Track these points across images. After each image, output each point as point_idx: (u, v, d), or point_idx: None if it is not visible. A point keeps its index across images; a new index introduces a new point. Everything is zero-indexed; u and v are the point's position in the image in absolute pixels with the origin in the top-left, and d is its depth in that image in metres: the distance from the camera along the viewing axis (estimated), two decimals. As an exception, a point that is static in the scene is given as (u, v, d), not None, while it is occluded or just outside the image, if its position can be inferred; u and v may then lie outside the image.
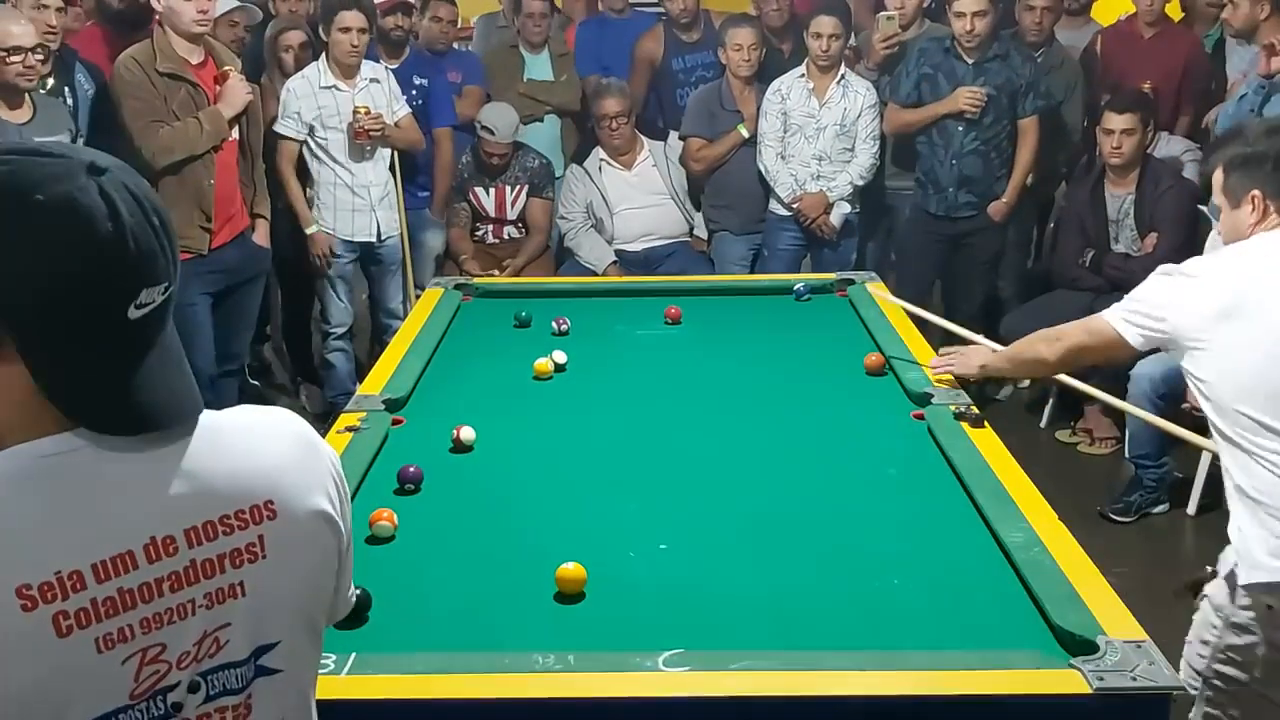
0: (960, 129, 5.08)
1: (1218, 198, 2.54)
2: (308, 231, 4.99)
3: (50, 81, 4.18)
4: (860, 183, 5.28)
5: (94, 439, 1.11)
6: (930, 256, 5.33)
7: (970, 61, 5.04)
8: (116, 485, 1.11)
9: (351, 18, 4.81)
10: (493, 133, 5.30)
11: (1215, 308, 2.30)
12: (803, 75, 5.24)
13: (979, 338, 3.36)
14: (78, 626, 1.07)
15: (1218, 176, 2.52)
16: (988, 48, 5.02)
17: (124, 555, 1.10)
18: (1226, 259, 2.43)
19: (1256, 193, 2.41)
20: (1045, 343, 2.81)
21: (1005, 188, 5.14)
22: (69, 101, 4.27)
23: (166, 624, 1.13)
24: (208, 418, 1.20)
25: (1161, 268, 2.49)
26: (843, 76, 5.22)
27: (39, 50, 3.82)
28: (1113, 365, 3.90)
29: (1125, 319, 2.49)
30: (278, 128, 4.92)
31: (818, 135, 5.21)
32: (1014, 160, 5.14)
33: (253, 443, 1.22)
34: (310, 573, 1.25)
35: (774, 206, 5.35)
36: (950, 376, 3.12)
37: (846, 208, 5.26)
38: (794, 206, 5.24)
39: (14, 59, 3.76)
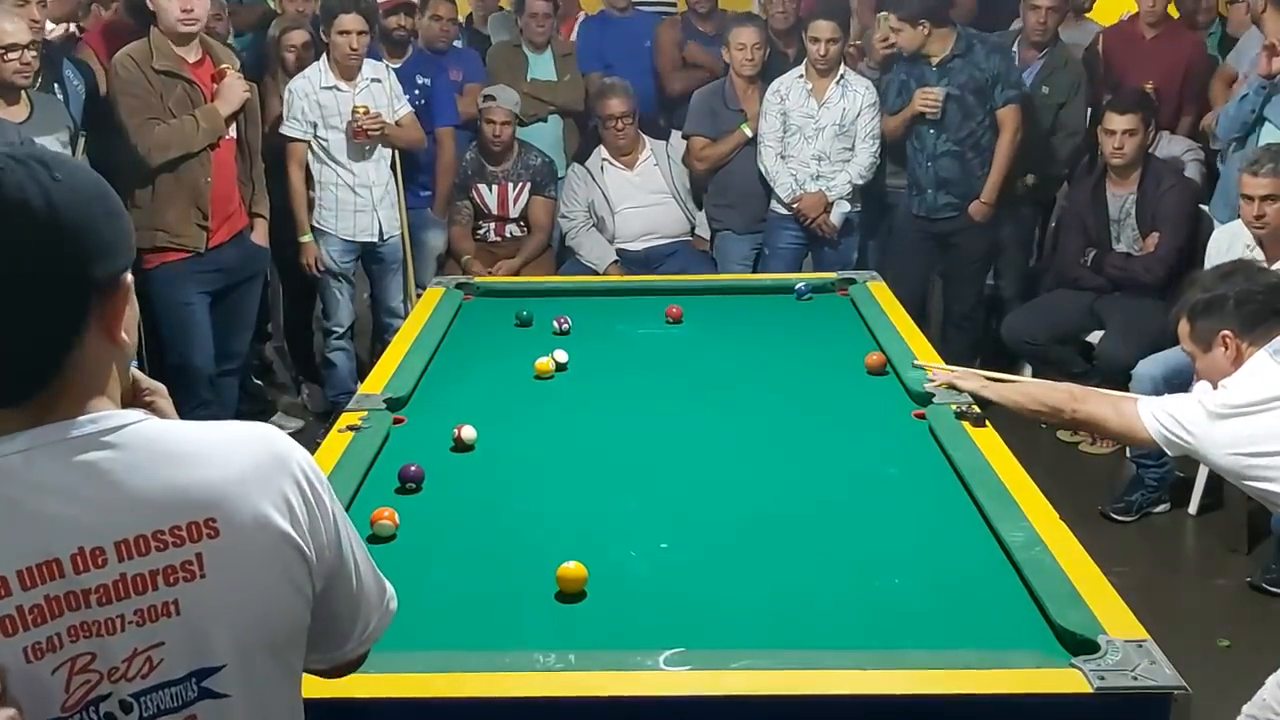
0: (931, 131, 5.09)
1: (1186, 345, 2.74)
2: (300, 240, 4.98)
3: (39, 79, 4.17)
4: (860, 182, 5.27)
5: (15, 444, 1.09)
6: (921, 256, 5.34)
7: (934, 64, 5.03)
8: (44, 493, 1.09)
9: (350, 20, 4.79)
10: (494, 98, 5.27)
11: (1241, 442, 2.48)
12: (801, 76, 5.23)
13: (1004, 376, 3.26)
14: (3, 634, 1.06)
15: (1183, 327, 2.70)
16: (941, 51, 4.98)
17: (50, 563, 1.08)
18: (1248, 398, 2.52)
19: (1226, 333, 2.58)
20: (1070, 397, 2.89)
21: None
22: (60, 98, 4.26)
23: (95, 635, 1.10)
24: (154, 428, 1.16)
25: (1201, 393, 2.62)
26: (842, 77, 5.21)
27: (32, 47, 3.82)
28: (1116, 441, 4.10)
29: (1156, 418, 2.62)
30: (284, 129, 4.91)
31: (817, 135, 5.21)
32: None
33: (200, 457, 1.15)
34: (263, 595, 1.17)
35: (775, 206, 5.35)
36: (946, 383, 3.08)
37: (846, 207, 5.26)
38: (794, 206, 5.24)
39: (10, 56, 3.76)
